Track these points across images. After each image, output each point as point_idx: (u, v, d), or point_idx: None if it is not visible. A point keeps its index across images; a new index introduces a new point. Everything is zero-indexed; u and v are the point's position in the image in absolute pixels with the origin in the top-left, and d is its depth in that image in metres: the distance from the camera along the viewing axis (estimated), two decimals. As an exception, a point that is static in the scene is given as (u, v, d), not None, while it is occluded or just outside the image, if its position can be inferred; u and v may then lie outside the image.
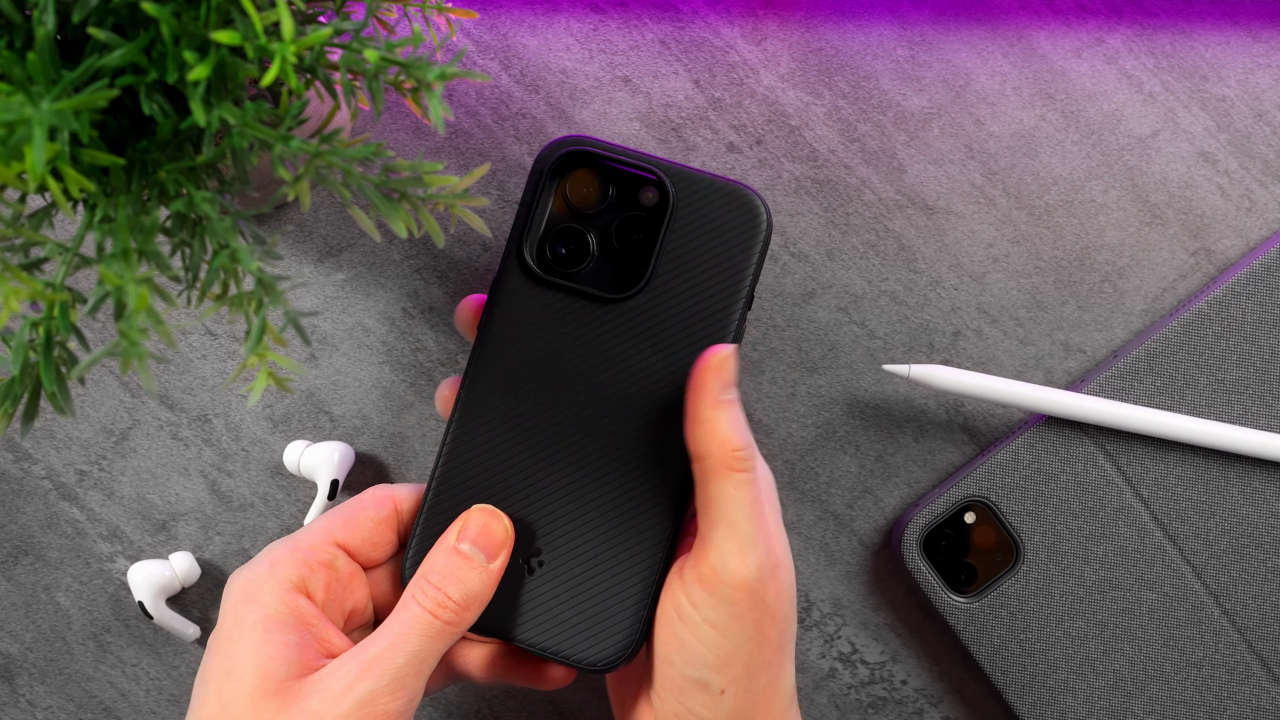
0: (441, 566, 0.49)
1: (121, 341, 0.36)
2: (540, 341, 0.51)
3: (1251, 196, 0.60)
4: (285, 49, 0.36)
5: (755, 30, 0.60)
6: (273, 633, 0.47)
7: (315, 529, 0.51)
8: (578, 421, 0.51)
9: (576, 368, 0.51)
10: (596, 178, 0.51)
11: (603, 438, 0.51)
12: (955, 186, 0.60)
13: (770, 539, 0.48)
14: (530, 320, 0.51)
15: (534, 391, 0.51)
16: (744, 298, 0.50)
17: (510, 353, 0.51)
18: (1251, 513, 0.58)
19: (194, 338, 0.60)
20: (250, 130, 0.38)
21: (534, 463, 0.51)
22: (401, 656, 0.47)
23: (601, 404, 0.51)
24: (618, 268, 0.51)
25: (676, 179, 0.50)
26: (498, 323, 0.51)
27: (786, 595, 0.48)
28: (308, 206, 0.41)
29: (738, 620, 0.47)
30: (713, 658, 0.48)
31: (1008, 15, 0.60)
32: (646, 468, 0.51)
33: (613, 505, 0.51)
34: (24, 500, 0.60)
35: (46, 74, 0.35)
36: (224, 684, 0.47)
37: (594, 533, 0.51)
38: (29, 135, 0.33)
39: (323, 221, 0.60)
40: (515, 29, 0.60)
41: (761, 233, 0.50)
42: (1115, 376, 0.58)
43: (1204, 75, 0.60)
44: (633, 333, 0.51)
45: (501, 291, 0.51)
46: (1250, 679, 0.58)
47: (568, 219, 0.51)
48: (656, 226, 0.50)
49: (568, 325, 0.51)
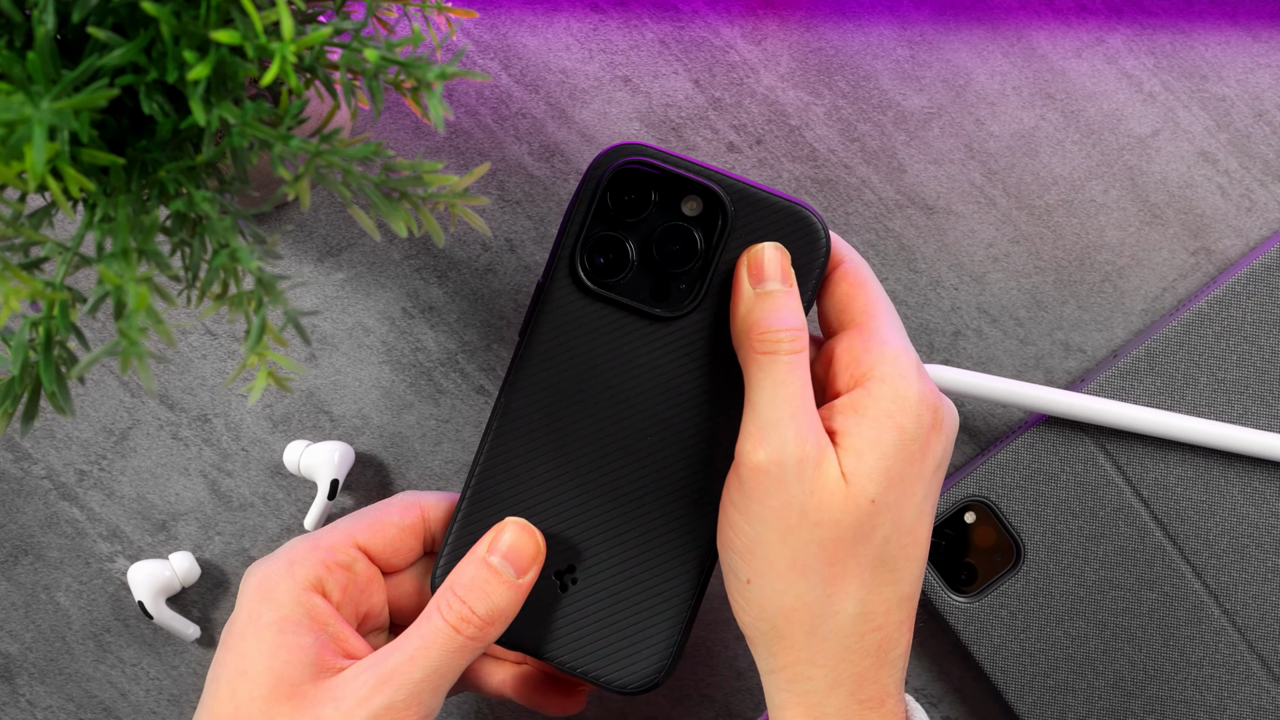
0: (469, 579, 0.48)
1: (121, 341, 0.36)
2: (586, 355, 0.50)
3: (1252, 196, 0.60)
4: (285, 48, 0.36)
5: (755, 30, 0.60)
6: (287, 633, 0.47)
7: (338, 529, 0.50)
8: (620, 439, 0.50)
9: (622, 383, 0.50)
10: (652, 188, 0.49)
11: (645, 457, 0.50)
12: (955, 186, 0.60)
13: (804, 428, 0.46)
14: (577, 332, 0.50)
15: (577, 405, 0.50)
16: None
17: (554, 364, 0.50)
18: (1252, 512, 0.58)
19: (194, 337, 0.60)
20: (250, 130, 0.38)
21: (573, 478, 0.50)
22: (420, 670, 0.46)
23: (645, 422, 0.50)
24: (670, 284, 0.49)
25: (735, 194, 0.49)
26: (544, 332, 0.50)
27: (828, 498, 0.45)
28: (308, 206, 0.41)
29: (757, 506, 0.46)
30: (739, 543, 0.47)
31: (1008, 15, 0.60)
32: (688, 491, 0.50)
33: (651, 527, 0.50)
34: (24, 500, 0.60)
35: (46, 73, 0.35)
36: (237, 683, 0.46)
37: (630, 553, 0.50)
38: (29, 134, 0.33)
39: (323, 221, 0.60)
40: (515, 29, 0.60)
41: (821, 255, 0.49)
42: (1115, 376, 0.58)
43: (1204, 75, 0.60)
44: (682, 352, 0.49)
45: (549, 300, 0.49)
46: (1250, 679, 0.58)
47: (621, 231, 0.49)
48: (712, 243, 0.49)
49: (616, 340, 0.50)
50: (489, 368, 0.60)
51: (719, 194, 0.48)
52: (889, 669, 0.47)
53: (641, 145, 0.49)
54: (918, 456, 0.47)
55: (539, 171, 0.60)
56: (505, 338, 0.60)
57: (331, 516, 0.60)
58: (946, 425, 0.48)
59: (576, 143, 0.60)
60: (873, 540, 0.46)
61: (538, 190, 0.60)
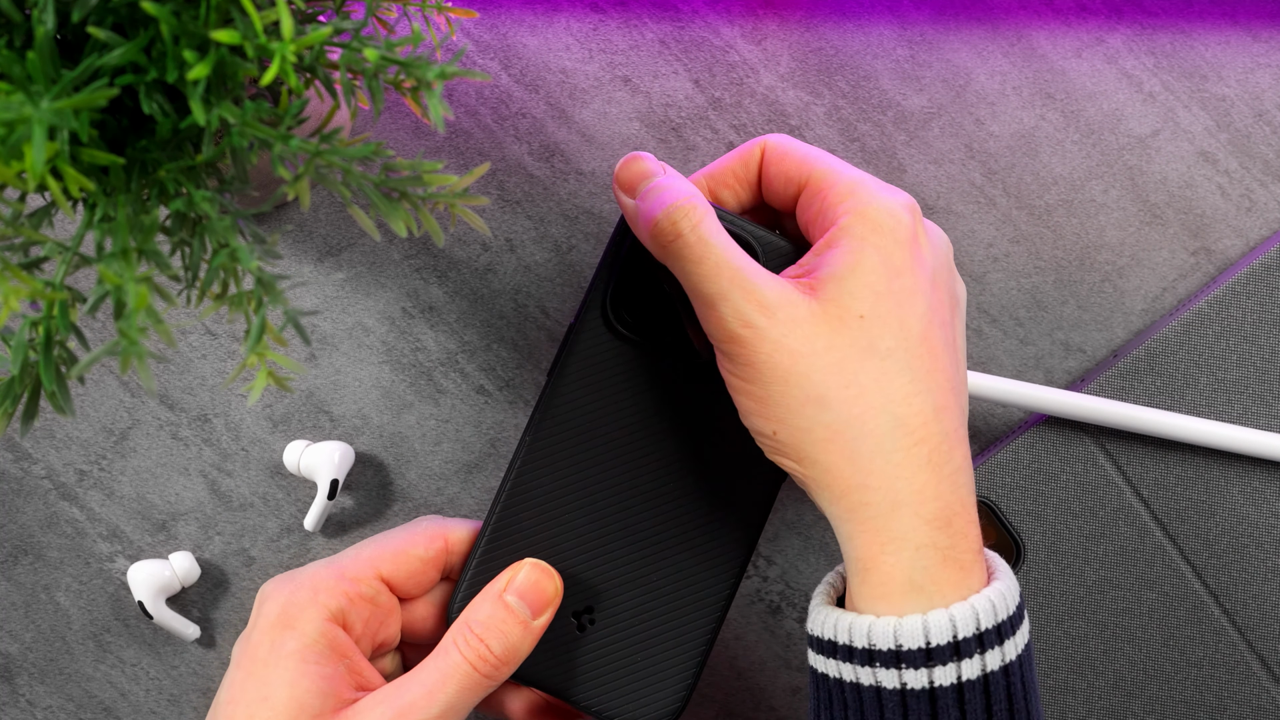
0: (486, 617, 0.48)
1: (121, 340, 0.36)
2: (614, 397, 0.50)
3: (1251, 196, 0.60)
4: (285, 48, 0.36)
5: (755, 30, 0.60)
6: (310, 663, 0.47)
7: (362, 558, 0.50)
8: (643, 483, 0.50)
9: (647, 427, 0.50)
10: None
11: (667, 501, 0.50)
12: (955, 186, 0.60)
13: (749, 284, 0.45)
14: (606, 374, 0.50)
15: (602, 446, 0.50)
16: None
17: (582, 404, 0.50)
18: (1251, 512, 0.58)
19: (194, 337, 0.60)
20: (250, 129, 0.38)
21: (594, 519, 0.50)
22: (437, 707, 0.47)
23: (670, 468, 0.50)
24: (699, 330, 0.50)
25: (765, 245, 0.49)
26: (572, 373, 0.50)
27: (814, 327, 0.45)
28: (307, 206, 0.41)
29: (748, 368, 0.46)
30: (749, 404, 0.46)
31: (1008, 15, 0.60)
32: (708, 538, 0.50)
33: (671, 569, 0.50)
34: (24, 500, 0.60)
35: (46, 73, 0.34)
36: (257, 709, 0.47)
37: (650, 596, 0.50)
38: (29, 134, 0.33)
39: (322, 221, 0.60)
40: (515, 28, 0.60)
41: None
42: (1115, 376, 0.58)
43: (1204, 75, 0.60)
44: (708, 397, 0.50)
45: (580, 341, 0.50)
46: (1250, 679, 0.58)
47: (652, 276, 0.50)
48: None
49: (643, 384, 0.50)
50: (489, 367, 0.60)
51: (750, 240, 0.49)
52: (948, 483, 0.45)
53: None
54: (906, 268, 0.46)
55: (539, 171, 0.60)
56: (505, 337, 0.60)
57: (333, 519, 0.60)
58: (934, 237, 0.47)
59: (576, 143, 0.60)
60: (877, 353, 0.45)
61: (538, 190, 0.60)
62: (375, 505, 0.60)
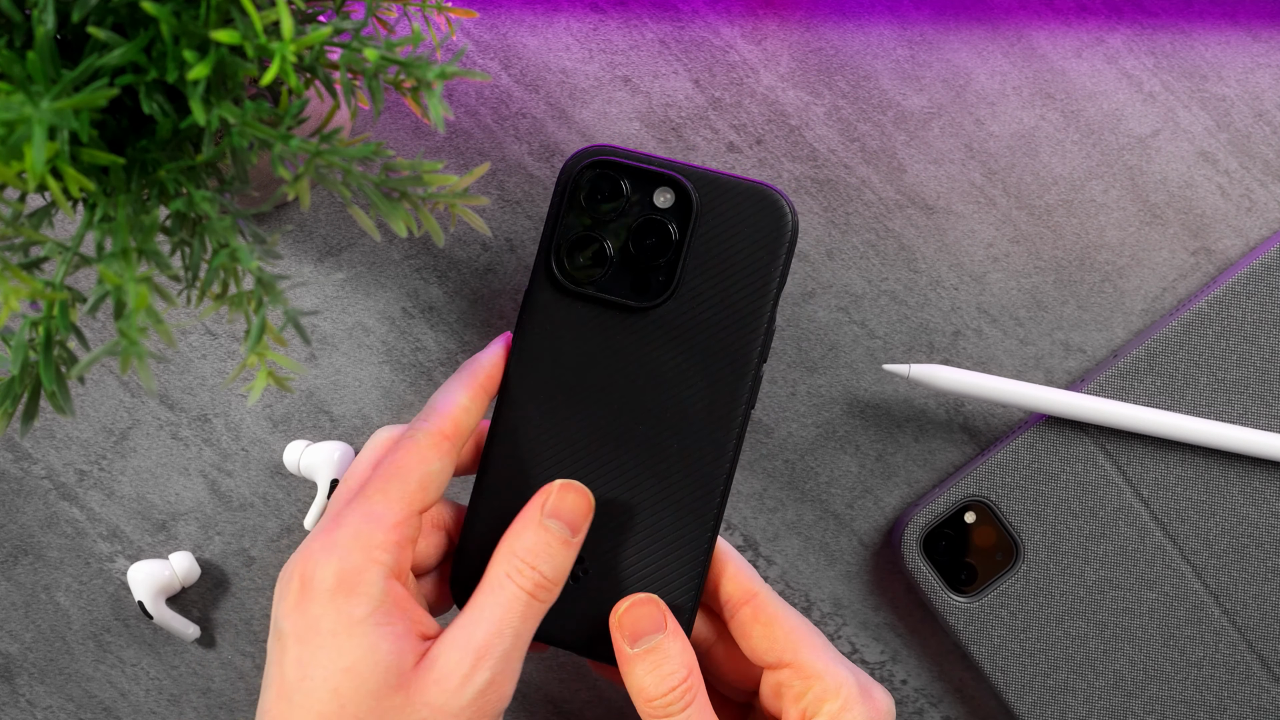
0: (531, 543, 0.48)
1: (121, 340, 0.36)
2: (572, 353, 0.51)
3: (1252, 196, 0.60)
4: (285, 48, 0.36)
5: (755, 30, 0.60)
6: (382, 625, 0.46)
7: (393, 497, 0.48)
8: (614, 431, 0.51)
9: (610, 377, 0.51)
10: (621, 186, 0.50)
11: (640, 446, 0.51)
12: (955, 186, 0.60)
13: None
14: (562, 332, 0.51)
15: (569, 404, 0.51)
16: (771, 299, 0.50)
17: (543, 366, 0.51)
18: (1252, 512, 0.58)
19: (194, 337, 0.60)
20: (250, 129, 0.38)
21: (574, 470, 0.51)
22: (507, 640, 0.47)
23: (636, 412, 0.51)
24: (645, 275, 0.51)
25: (700, 183, 0.50)
26: (530, 337, 0.51)
27: None
28: (307, 206, 0.40)
29: None
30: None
31: (1008, 15, 0.60)
32: (684, 470, 0.51)
33: (653, 511, 0.51)
34: (24, 500, 0.60)
35: (46, 73, 0.34)
36: (341, 682, 0.46)
37: (637, 537, 0.51)
38: (29, 134, 0.33)
39: (322, 221, 0.60)
40: (515, 28, 0.60)
41: (787, 233, 0.50)
42: (1115, 376, 0.58)
43: (1204, 75, 0.60)
44: (662, 340, 0.51)
45: (532, 305, 0.51)
46: (1250, 679, 0.58)
47: (594, 230, 0.51)
48: (681, 232, 0.50)
49: (599, 336, 0.51)
50: (489, 368, 0.60)
51: (683, 182, 0.50)
52: None
53: (605, 146, 0.50)
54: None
55: (539, 171, 0.60)
56: (505, 338, 0.60)
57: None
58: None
59: (576, 142, 0.60)
60: None
61: (538, 190, 0.60)
62: (375, 505, 0.60)
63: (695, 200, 0.50)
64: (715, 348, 0.50)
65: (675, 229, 0.50)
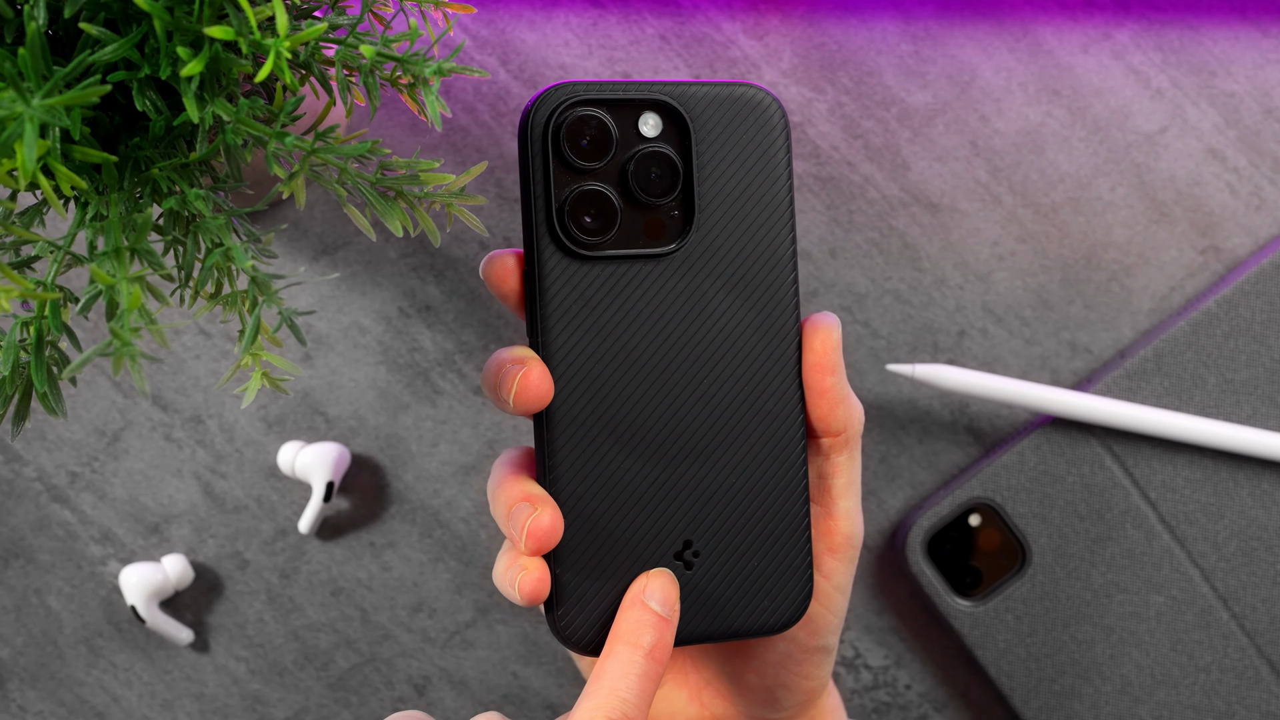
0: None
1: (114, 341, 0.36)
2: (606, 321, 0.46)
3: (1261, 194, 0.60)
4: (280, 44, 0.36)
5: (757, 25, 0.60)
6: None
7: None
8: (677, 393, 0.47)
9: (656, 338, 0.46)
10: (607, 126, 0.45)
11: (708, 399, 0.47)
12: (960, 184, 0.60)
13: None
14: (587, 302, 0.46)
15: (621, 381, 0.46)
16: (788, 202, 0.47)
17: (582, 350, 0.46)
18: (1261, 515, 0.58)
19: (187, 337, 0.59)
20: (244, 126, 0.38)
21: (649, 453, 0.47)
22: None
23: (694, 366, 0.47)
24: (658, 216, 0.46)
25: (683, 99, 0.46)
26: (554, 316, 0.46)
27: None
28: (303, 204, 0.40)
29: (852, 577, 0.48)
30: (836, 620, 0.47)
31: (1013, 10, 0.60)
32: (761, 415, 0.47)
33: (740, 464, 0.47)
34: (15, 502, 0.59)
35: (38, 70, 0.34)
36: None
37: (734, 501, 0.47)
38: (20, 132, 0.33)
39: (318, 219, 0.60)
40: (513, 24, 0.60)
41: (780, 127, 0.46)
42: (1122, 377, 0.58)
43: (1212, 71, 0.60)
44: (698, 281, 0.46)
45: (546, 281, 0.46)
46: (1259, 684, 0.58)
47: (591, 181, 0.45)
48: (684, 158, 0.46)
49: (629, 294, 0.46)
50: (487, 368, 0.60)
51: (670, 103, 0.45)
52: None
53: (566, 84, 0.45)
54: None
55: (538, 169, 0.60)
56: (504, 338, 0.60)
57: (328, 522, 0.60)
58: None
59: (576, 140, 0.60)
60: None
61: (536, 188, 0.60)
62: (371, 508, 0.60)
63: (688, 119, 0.45)
64: (751, 275, 0.46)
65: (677, 156, 0.46)
